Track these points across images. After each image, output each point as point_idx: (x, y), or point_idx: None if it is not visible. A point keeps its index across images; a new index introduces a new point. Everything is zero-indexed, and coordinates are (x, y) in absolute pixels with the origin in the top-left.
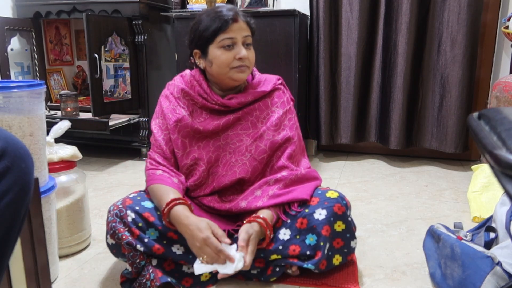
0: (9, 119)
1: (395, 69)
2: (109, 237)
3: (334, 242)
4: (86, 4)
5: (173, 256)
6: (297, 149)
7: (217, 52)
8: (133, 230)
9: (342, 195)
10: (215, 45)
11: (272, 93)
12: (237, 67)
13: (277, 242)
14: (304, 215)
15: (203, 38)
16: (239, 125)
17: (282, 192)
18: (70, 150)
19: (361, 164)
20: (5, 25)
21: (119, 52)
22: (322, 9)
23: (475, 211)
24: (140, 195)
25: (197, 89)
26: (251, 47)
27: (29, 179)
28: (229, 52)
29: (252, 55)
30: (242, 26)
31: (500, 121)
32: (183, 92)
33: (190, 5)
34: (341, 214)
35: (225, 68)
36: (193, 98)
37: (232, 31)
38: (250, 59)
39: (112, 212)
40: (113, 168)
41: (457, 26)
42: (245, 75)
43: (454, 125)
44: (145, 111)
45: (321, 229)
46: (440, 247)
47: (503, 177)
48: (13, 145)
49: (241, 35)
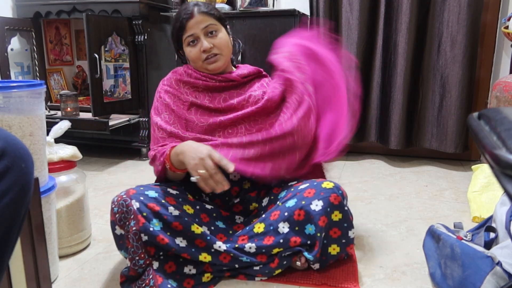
0: (9, 119)
1: (395, 69)
2: (118, 228)
3: (331, 231)
4: (86, 4)
5: (176, 248)
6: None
7: (187, 50)
8: (138, 217)
9: (337, 185)
10: (184, 44)
11: (265, 77)
12: (206, 59)
13: (277, 236)
14: (300, 206)
15: (174, 41)
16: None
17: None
18: (70, 150)
19: (361, 164)
20: (5, 25)
21: (119, 52)
22: (322, 9)
23: (475, 211)
24: (143, 185)
25: (194, 75)
26: (217, 34)
27: (29, 179)
28: (195, 47)
29: (219, 41)
30: (198, 19)
31: (500, 121)
32: (182, 82)
33: None
34: (338, 204)
35: (198, 62)
36: (193, 84)
37: (190, 28)
38: (217, 46)
39: (117, 203)
40: (113, 168)
41: (457, 26)
42: (219, 63)
43: (454, 125)
44: (145, 111)
45: (318, 220)
46: (440, 247)
47: (503, 177)
48: (13, 145)
49: (199, 28)
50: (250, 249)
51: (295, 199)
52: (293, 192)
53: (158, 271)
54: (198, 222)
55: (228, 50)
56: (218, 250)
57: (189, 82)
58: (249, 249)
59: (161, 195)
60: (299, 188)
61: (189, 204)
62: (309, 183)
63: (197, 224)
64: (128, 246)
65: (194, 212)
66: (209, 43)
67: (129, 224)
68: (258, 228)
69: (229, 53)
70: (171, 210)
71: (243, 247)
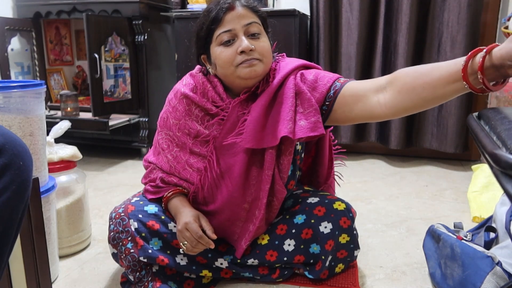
0: (9, 119)
1: (395, 69)
2: (111, 246)
3: (338, 253)
4: (86, 4)
5: (177, 267)
6: None
7: (217, 51)
8: (137, 240)
9: (349, 206)
10: (214, 43)
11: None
12: (243, 62)
13: (282, 253)
14: (309, 226)
15: (201, 39)
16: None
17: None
18: (70, 150)
19: (361, 164)
20: (5, 25)
21: (119, 52)
22: (322, 9)
23: (475, 211)
24: (142, 198)
25: (210, 94)
26: (261, 37)
27: (27, 176)
28: (230, 48)
29: (263, 45)
30: (240, 13)
31: (500, 121)
32: (193, 103)
33: (190, 5)
34: (347, 227)
35: (230, 67)
36: (204, 108)
37: (227, 22)
38: (259, 51)
39: (115, 221)
40: (113, 168)
41: (457, 26)
42: (258, 70)
43: (454, 125)
44: (145, 111)
45: (325, 243)
46: (440, 247)
47: (503, 177)
48: (11, 142)
49: (240, 25)
50: (252, 263)
51: (304, 216)
52: (301, 204)
53: (157, 274)
54: None
55: (269, 60)
56: (219, 267)
57: (200, 105)
58: (252, 263)
59: (161, 209)
60: (307, 201)
61: None
62: (319, 197)
63: None
64: (121, 264)
65: None
66: (249, 43)
67: (123, 245)
68: (262, 239)
69: (269, 64)
70: (171, 227)
71: (245, 262)
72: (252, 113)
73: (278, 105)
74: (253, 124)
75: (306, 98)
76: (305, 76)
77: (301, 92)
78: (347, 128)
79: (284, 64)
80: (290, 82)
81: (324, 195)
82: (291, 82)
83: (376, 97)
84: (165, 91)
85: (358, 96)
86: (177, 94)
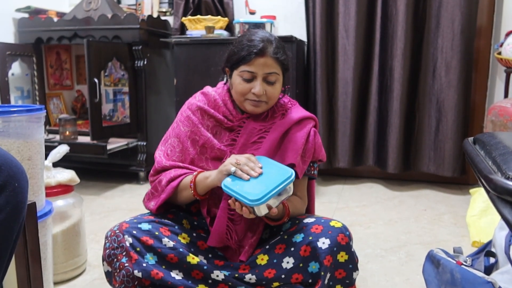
0: (8, 144)
1: (392, 93)
2: (105, 264)
3: (336, 272)
4: (87, 30)
5: (172, 281)
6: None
7: (236, 79)
8: (131, 254)
9: (345, 225)
10: (237, 72)
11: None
12: (252, 101)
13: (280, 270)
14: (308, 242)
15: (230, 61)
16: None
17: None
18: (68, 174)
19: (359, 188)
20: (7, 50)
21: (119, 76)
22: (319, 35)
23: (475, 236)
24: (136, 218)
25: (222, 109)
26: (275, 84)
27: (22, 198)
28: (247, 84)
29: (273, 91)
30: (267, 62)
31: (495, 146)
32: (207, 114)
33: (189, 32)
34: (345, 244)
35: (240, 97)
36: (218, 120)
37: (254, 66)
38: (268, 95)
39: (110, 238)
40: (110, 192)
41: (451, 52)
42: (260, 110)
43: (451, 149)
44: (144, 135)
45: (323, 258)
46: (440, 272)
47: (499, 202)
48: (7, 164)
49: (263, 71)
50: (250, 280)
51: (302, 234)
52: (298, 224)
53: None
54: (194, 251)
55: (274, 101)
56: (216, 279)
57: (214, 116)
58: (249, 280)
59: (154, 226)
60: (304, 221)
61: (185, 232)
62: (315, 218)
63: (193, 254)
64: (114, 284)
65: (190, 241)
66: (263, 89)
67: (117, 261)
68: (261, 260)
69: (272, 104)
70: (165, 242)
71: (242, 277)
72: (272, 134)
73: (292, 136)
74: (269, 143)
75: (308, 149)
76: (316, 138)
77: (308, 142)
78: (344, 152)
79: (299, 108)
80: (308, 128)
81: (319, 217)
82: (308, 128)
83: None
84: (163, 115)
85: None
86: (191, 107)
